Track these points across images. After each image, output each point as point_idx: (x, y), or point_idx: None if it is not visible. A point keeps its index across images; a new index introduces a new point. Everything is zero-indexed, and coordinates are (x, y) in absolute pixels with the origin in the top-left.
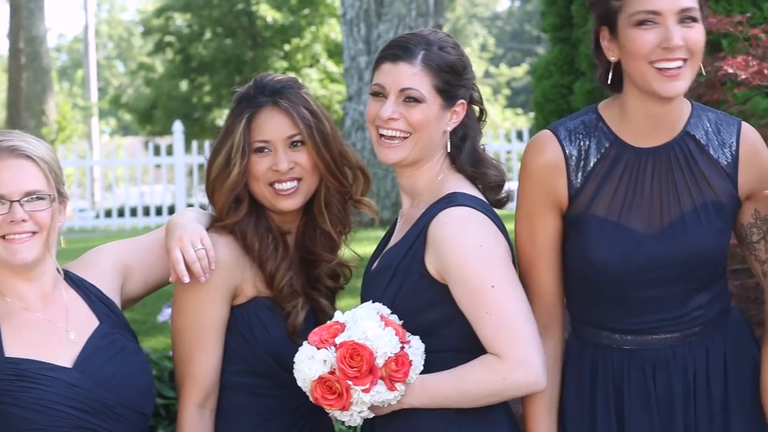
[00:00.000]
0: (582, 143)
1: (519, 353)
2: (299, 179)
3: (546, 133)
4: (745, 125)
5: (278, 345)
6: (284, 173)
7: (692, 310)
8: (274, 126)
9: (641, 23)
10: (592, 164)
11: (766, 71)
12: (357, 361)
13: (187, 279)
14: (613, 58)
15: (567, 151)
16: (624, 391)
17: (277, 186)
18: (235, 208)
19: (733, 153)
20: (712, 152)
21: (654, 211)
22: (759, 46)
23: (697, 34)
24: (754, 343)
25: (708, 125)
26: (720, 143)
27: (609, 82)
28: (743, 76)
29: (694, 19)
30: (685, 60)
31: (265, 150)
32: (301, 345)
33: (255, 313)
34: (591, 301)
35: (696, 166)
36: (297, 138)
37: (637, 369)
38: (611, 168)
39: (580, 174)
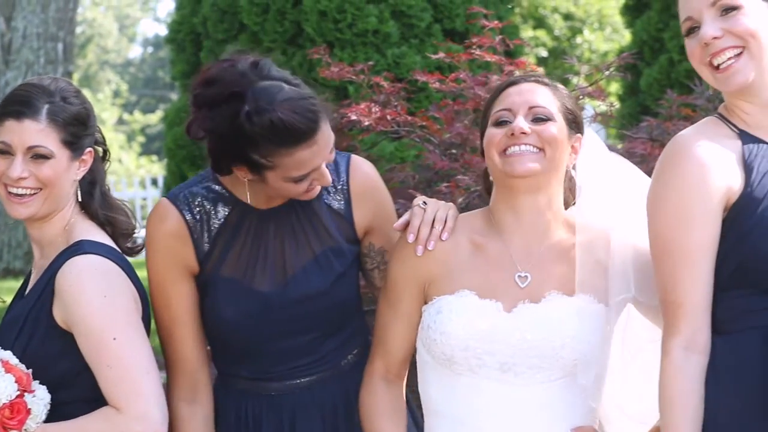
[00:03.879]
0: (202, 209)
1: (136, 407)
2: None
3: (164, 202)
4: (355, 159)
5: None
6: None
7: (326, 354)
8: None
9: (297, 180)
10: (216, 228)
11: (388, 117)
12: None
13: None
14: (248, 179)
15: (187, 218)
16: None
17: None
18: None
19: (345, 194)
20: (328, 198)
21: (278, 268)
22: (382, 92)
23: None
24: None
25: None
26: (333, 187)
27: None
28: (367, 123)
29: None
30: None
31: None
32: None
33: None
34: (230, 355)
35: (316, 217)
36: None
37: (277, 413)
38: (236, 232)
39: (206, 238)
